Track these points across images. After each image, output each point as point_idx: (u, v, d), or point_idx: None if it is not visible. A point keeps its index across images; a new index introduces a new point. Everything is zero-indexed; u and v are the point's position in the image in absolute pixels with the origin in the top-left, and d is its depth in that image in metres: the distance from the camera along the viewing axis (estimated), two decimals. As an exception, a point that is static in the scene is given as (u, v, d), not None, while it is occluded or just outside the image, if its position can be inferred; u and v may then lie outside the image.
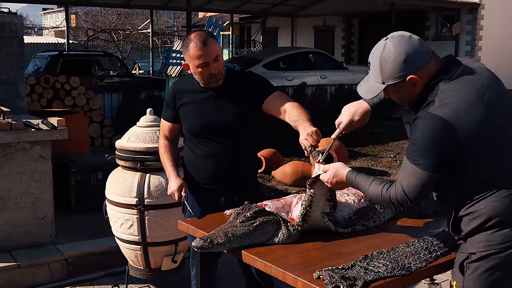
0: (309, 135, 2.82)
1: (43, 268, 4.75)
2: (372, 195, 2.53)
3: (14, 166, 4.84)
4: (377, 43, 2.45)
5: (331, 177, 2.62)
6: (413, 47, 2.36)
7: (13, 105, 5.76)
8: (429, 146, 2.28)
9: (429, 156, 2.28)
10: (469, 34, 18.74)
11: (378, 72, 2.41)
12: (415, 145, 2.32)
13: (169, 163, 3.42)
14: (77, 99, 9.89)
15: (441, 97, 2.31)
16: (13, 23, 5.83)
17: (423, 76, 2.37)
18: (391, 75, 2.38)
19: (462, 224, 2.39)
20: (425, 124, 2.29)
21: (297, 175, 7.91)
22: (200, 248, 2.54)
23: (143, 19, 35.49)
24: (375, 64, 2.42)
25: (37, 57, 15.20)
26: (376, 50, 2.43)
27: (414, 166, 2.33)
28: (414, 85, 2.38)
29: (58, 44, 26.64)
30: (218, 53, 3.19)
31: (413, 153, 2.33)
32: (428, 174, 2.30)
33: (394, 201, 2.41)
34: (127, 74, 15.62)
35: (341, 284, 2.18)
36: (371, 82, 2.47)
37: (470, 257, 2.36)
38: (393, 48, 2.36)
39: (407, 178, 2.36)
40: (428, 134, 2.27)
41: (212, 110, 3.28)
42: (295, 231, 2.69)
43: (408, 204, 2.39)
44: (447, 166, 2.31)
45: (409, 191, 2.36)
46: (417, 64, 2.35)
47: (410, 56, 2.34)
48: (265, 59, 14.45)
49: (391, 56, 2.36)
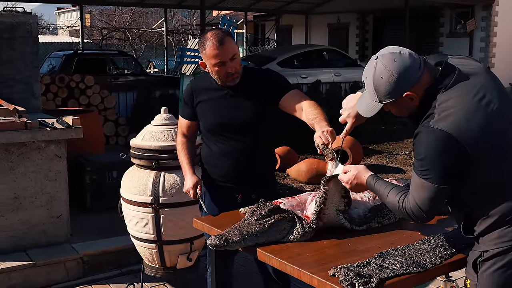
0: (323, 134, 2.82)
1: (58, 267, 4.77)
2: (390, 206, 2.53)
3: (29, 165, 4.86)
4: (368, 62, 2.43)
5: (352, 178, 2.61)
6: (404, 64, 2.32)
7: (28, 105, 5.79)
8: (435, 160, 2.27)
9: (436, 170, 2.28)
10: (483, 30, 18.60)
11: (373, 92, 2.40)
12: (422, 160, 2.31)
13: (185, 161, 3.43)
14: (92, 98, 9.93)
15: (440, 109, 2.29)
16: (28, 23, 5.87)
17: (419, 90, 2.35)
18: (387, 95, 2.37)
19: (475, 226, 2.38)
20: (428, 139, 2.28)
21: (312, 172, 7.89)
22: (215, 246, 2.53)
23: (157, 18, 35.61)
24: (370, 85, 2.41)
25: (52, 56, 15.26)
26: (368, 71, 2.41)
27: (423, 180, 2.33)
28: (411, 100, 2.37)
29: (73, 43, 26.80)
30: (234, 51, 3.19)
31: (420, 168, 2.33)
32: (438, 187, 2.31)
33: (410, 214, 2.41)
34: (142, 72, 15.65)
35: (356, 281, 2.17)
36: (369, 101, 2.46)
37: (483, 255, 2.35)
38: (384, 68, 2.33)
39: (418, 192, 2.36)
40: (432, 149, 2.27)
41: (229, 107, 3.28)
42: (310, 228, 2.68)
43: (424, 216, 2.39)
44: (455, 177, 2.31)
45: (422, 205, 2.36)
46: (411, 81, 2.33)
47: (402, 74, 2.31)
48: (279, 57, 14.43)
49: (384, 76, 2.34)
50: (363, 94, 2.52)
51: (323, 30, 23.98)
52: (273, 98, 3.27)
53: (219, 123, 3.30)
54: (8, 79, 5.83)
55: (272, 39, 25.11)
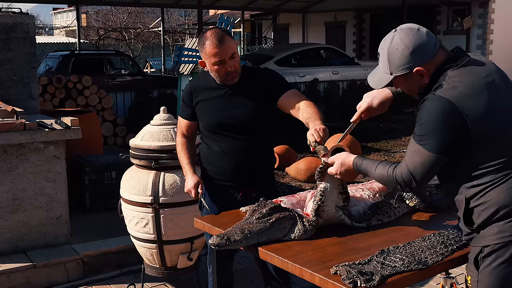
0: (315, 131, 2.82)
1: (59, 268, 4.77)
2: (379, 176, 2.53)
3: (28, 166, 4.85)
4: (386, 35, 2.50)
5: (338, 167, 2.63)
6: (421, 39, 2.40)
7: (26, 105, 5.78)
8: (435, 126, 2.30)
9: (434, 137, 2.31)
10: (480, 28, 18.64)
11: (386, 63, 2.47)
12: (421, 125, 2.34)
13: (186, 161, 3.43)
14: (90, 99, 9.94)
15: (449, 81, 2.34)
16: (25, 23, 5.86)
17: (430, 68, 2.41)
18: (399, 67, 2.43)
19: (474, 216, 2.39)
20: (432, 105, 2.31)
21: (311, 171, 7.88)
22: (217, 245, 2.53)
23: (154, 18, 35.56)
24: (384, 56, 2.47)
25: (49, 57, 15.25)
26: (385, 41, 2.48)
27: (420, 147, 2.35)
28: (422, 76, 2.42)
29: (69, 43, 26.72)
30: (234, 50, 3.19)
31: (419, 133, 2.35)
32: (433, 156, 2.32)
33: (400, 181, 2.43)
34: (139, 72, 15.65)
35: (358, 279, 2.18)
36: (380, 73, 2.53)
37: (484, 250, 2.36)
38: (400, 41, 2.41)
39: (413, 158, 2.38)
40: (434, 114, 2.30)
41: (229, 106, 3.29)
42: (310, 226, 2.68)
43: (414, 184, 2.40)
44: (452, 149, 2.33)
45: (415, 171, 2.37)
46: (424, 57, 2.39)
47: (417, 48, 2.39)
48: (277, 55, 14.44)
49: (399, 48, 2.40)
50: (376, 67, 2.57)
51: (320, 28, 23.99)
52: (272, 97, 3.28)
53: (218, 122, 3.30)
54: (6, 80, 5.81)
55: (269, 38, 25.08)
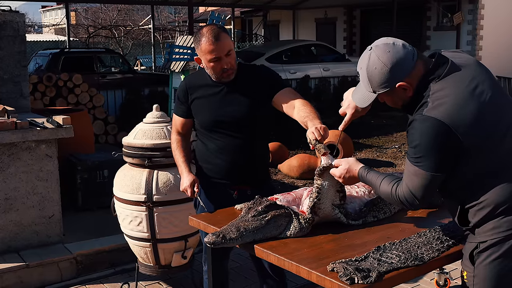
0: (316, 130, 2.82)
1: (52, 267, 4.74)
2: (383, 194, 2.55)
3: (20, 165, 4.82)
4: (363, 53, 2.48)
5: (344, 172, 2.64)
6: (398, 55, 2.37)
7: (17, 104, 5.75)
8: (429, 148, 2.30)
9: (429, 158, 2.31)
10: (470, 23, 18.67)
11: (367, 82, 2.45)
12: (415, 148, 2.34)
13: (181, 159, 3.41)
14: (80, 97, 9.88)
15: (434, 98, 2.33)
16: (15, 21, 5.82)
17: (412, 81, 2.39)
18: (380, 85, 2.41)
19: (469, 215, 2.40)
20: (422, 127, 2.30)
21: (303, 168, 7.89)
22: (212, 243, 2.52)
23: (144, 15, 35.49)
24: (364, 75, 2.45)
25: (38, 55, 15.16)
26: (362, 61, 2.46)
27: (416, 168, 2.35)
28: (405, 90, 2.41)
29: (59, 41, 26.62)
30: (230, 47, 3.18)
31: (414, 155, 2.35)
32: (431, 175, 2.33)
33: (403, 201, 2.44)
34: (129, 70, 15.60)
35: (356, 276, 2.18)
36: (363, 91, 2.51)
37: (479, 246, 2.36)
38: (377, 59, 2.38)
39: (411, 180, 2.39)
40: (425, 136, 2.29)
41: (225, 104, 3.28)
42: (306, 223, 2.68)
43: (417, 203, 2.42)
44: (448, 165, 2.33)
45: (415, 192, 2.39)
46: (404, 71, 2.37)
47: (396, 64, 2.36)
48: (268, 52, 14.42)
49: (377, 67, 2.38)
50: (358, 84, 2.55)
51: (310, 25, 23.97)
52: (267, 95, 3.27)
53: (214, 119, 3.29)
54: (-4, 79, 5.78)
55: (259, 34, 25.08)
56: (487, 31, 18.45)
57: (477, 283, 2.38)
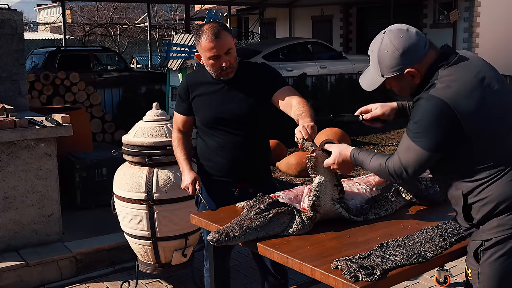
0: (303, 128, 2.82)
1: (51, 266, 4.73)
2: (373, 167, 2.56)
3: (19, 164, 4.81)
4: (376, 36, 2.50)
5: (337, 156, 2.65)
6: (410, 40, 2.40)
7: (15, 103, 5.73)
8: (429, 126, 2.32)
9: (428, 136, 2.33)
10: (466, 21, 18.68)
11: (377, 66, 2.47)
12: (415, 123, 2.36)
13: (182, 157, 3.40)
14: (78, 95, 9.87)
15: (442, 81, 2.36)
16: (13, 20, 5.80)
17: (421, 68, 2.41)
18: (389, 69, 2.44)
19: (473, 212, 2.40)
20: (426, 105, 2.33)
21: (302, 165, 7.88)
22: (216, 241, 2.52)
23: (140, 13, 35.43)
24: (374, 58, 2.48)
25: (35, 53, 15.11)
26: (374, 44, 2.49)
27: (413, 143, 2.37)
28: (413, 77, 2.43)
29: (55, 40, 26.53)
30: (230, 46, 3.18)
31: (413, 130, 2.37)
32: (426, 153, 2.35)
33: (392, 173, 2.46)
34: (126, 68, 15.57)
35: (360, 273, 2.18)
36: (372, 75, 2.53)
37: (484, 244, 2.36)
38: (390, 43, 2.41)
39: (406, 153, 2.41)
40: (428, 114, 2.31)
41: (225, 101, 3.27)
42: (308, 221, 2.68)
43: (405, 176, 2.44)
44: (445, 147, 2.35)
45: (406, 166, 2.41)
46: (414, 57, 2.40)
47: (407, 50, 2.39)
48: (264, 50, 14.40)
49: (388, 50, 2.41)
50: (367, 68, 2.58)
51: (307, 22, 23.96)
52: (268, 93, 3.27)
53: (215, 116, 3.29)
54: (-6, 77, 5.77)
55: (256, 32, 25.03)
56: (483, 29, 18.47)
57: (482, 281, 2.38)
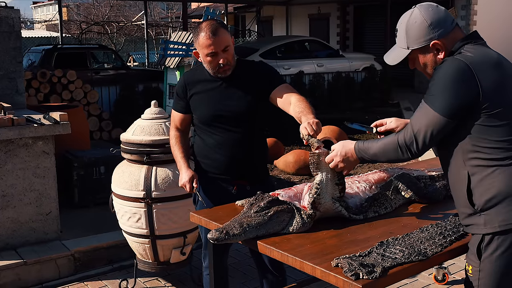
0: (309, 124, 2.82)
1: (49, 264, 4.72)
2: (380, 146, 2.56)
3: (17, 162, 4.79)
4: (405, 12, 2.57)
5: (340, 149, 2.67)
6: (439, 14, 2.47)
7: (13, 101, 5.71)
8: (447, 86, 2.32)
9: (445, 97, 2.32)
10: (463, 19, 18.68)
11: (404, 37, 2.52)
12: (434, 84, 2.37)
13: (180, 155, 3.40)
14: (75, 93, 9.86)
15: (466, 50, 2.39)
16: (10, 17, 5.78)
17: (448, 43, 2.45)
18: (416, 39, 2.48)
19: (474, 197, 2.39)
20: (447, 65, 2.35)
21: (299, 163, 7.88)
22: (216, 240, 2.51)
23: (136, 11, 35.37)
24: (402, 30, 2.53)
25: (31, 51, 15.08)
26: (404, 16, 2.55)
27: (428, 107, 2.37)
28: (438, 51, 2.46)
29: (51, 38, 26.48)
30: (228, 43, 3.17)
31: (430, 93, 2.38)
32: (440, 117, 2.34)
33: (401, 144, 2.44)
34: (123, 66, 15.55)
35: (360, 271, 2.17)
36: (397, 49, 2.58)
37: (484, 239, 2.36)
38: (419, 14, 2.48)
39: (418, 120, 2.41)
40: (448, 74, 2.33)
41: (223, 98, 3.27)
42: (308, 219, 2.68)
43: (415, 147, 2.41)
44: (460, 114, 2.33)
45: (418, 134, 2.39)
46: (442, 30, 2.45)
47: (435, 22, 2.45)
48: (262, 48, 14.42)
49: (417, 21, 2.47)
50: (393, 47, 2.62)
51: (303, 21, 23.95)
52: (265, 90, 3.27)
53: (213, 114, 3.28)
54: (-8, 75, 5.75)
55: (253, 30, 25.04)
56: (480, 27, 18.46)
57: (482, 277, 2.38)
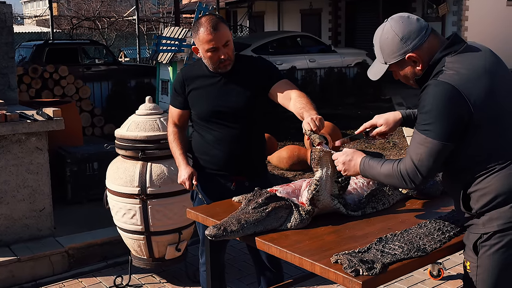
0: (312, 120, 2.81)
1: (43, 261, 4.69)
2: (384, 174, 2.50)
3: (10, 158, 4.76)
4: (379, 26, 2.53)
5: (349, 153, 2.65)
6: (410, 26, 2.42)
7: (5, 97, 5.68)
8: (440, 112, 2.28)
9: (439, 123, 2.29)
10: (455, 15, 18.74)
11: (380, 53, 2.50)
12: (426, 113, 2.32)
13: (178, 151, 3.37)
14: (67, 89, 9.80)
15: (449, 67, 2.35)
16: (2, 12, 5.74)
17: (423, 54, 2.41)
18: (391, 55, 2.46)
19: (472, 202, 2.39)
20: (434, 91, 2.30)
21: (293, 159, 7.87)
22: (214, 236, 2.50)
23: (127, 6, 35.22)
24: (377, 46, 2.51)
25: (22, 46, 14.97)
26: (377, 32, 2.52)
27: (424, 136, 2.33)
28: (415, 63, 2.43)
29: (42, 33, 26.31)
30: (228, 38, 3.16)
31: (423, 122, 2.33)
32: (439, 143, 2.30)
33: (405, 176, 2.40)
34: (114, 62, 15.48)
35: (360, 267, 2.16)
36: (377, 64, 2.56)
37: (483, 237, 2.36)
38: (390, 29, 2.44)
39: (417, 150, 2.36)
40: (437, 100, 2.29)
41: (222, 94, 3.25)
42: (307, 215, 2.67)
43: (420, 178, 2.37)
44: (457, 135, 2.31)
45: (420, 164, 2.35)
46: (415, 42, 2.41)
47: (406, 35, 2.41)
48: (254, 43, 14.41)
49: (389, 36, 2.44)
50: (375, 60, 2.60)
51: (295, 16, 23.95)
52: (264, 86, 3.25)
53: (212, 109, 3.26)
54: (-17, 71, 5.70)
55: (245, 26, 24.99)
56: (472, 22, 18.55)
57: (480, 273, 2.38)
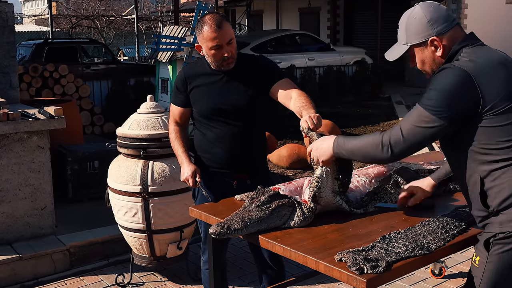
0: (310, 118, 2.82)
1: (45, 259, 4.70)
2: (361, 144, 2.47)
3: (12, 157, 4.76)
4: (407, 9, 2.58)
5: (321, 139, 2.63)
6: (439, 11, 2.47)
7: (7, 95, 5.67)
8: (447, 94, 2.29)
9: (443, 104, 2.29)
10: (454, 13, 18.68)
11: (404, 32, 2.53)
12: (433, 90, 2.33)
13: (180, 149, 3.38)
14: (67, 87, 9.81)
15: (466, 55, 2.38)
16: (4, 12, 5.74)
17: (446, 41, 2.44)
18: (415, 35, 2.49)
19: (489, 199, 2.37)
20: (447, 73, 2.33)
21: (293, 157, 7.88)
22: (217, 234, 2.50)
23: (126, 5, 35.20)
24: (403, 25, 2.55)
25: (21, 45, 14.96)
26: (406, 13, 2.57)
27: (423, 109, 2.32)
28: (436, 49, 2.45)
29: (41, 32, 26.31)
30: (231, 36, 3.17)
31: (428, 98, 2.33)
32: (436, 119, 2.29)
33: (385, 142, 2.37)
34: (113, 60, 15.48)
35: (365, 266, 2.17)
36: (397, 45, 2.59)
37: (497, 235, 2.35)
38: (420, 10, 2.49)
39: (408, 118, 2.37)
40: (448, 82, 2.31)
41: (224, 92, 3.26)
42: (310, 213, 2.67)
43: (399, 148, 2.35)
44: (457, 119, 2.31)
45: (407, 133, 2.34)
46: (441, 28, 2.45)
47: (435, 18, 2.45)
48: (253, 42, 14.41)
49: (417, 16, 2.49)
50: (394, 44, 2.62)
51: (294, 14, 23.92)
52: (266, 85, 3.26)
53: (214, 107, 3.27)
54: (-15, 70, 5.70)
55: (243, 24, 24.98)
56: (471, 20, 18.52)
57: (488, 269, 2.37)
